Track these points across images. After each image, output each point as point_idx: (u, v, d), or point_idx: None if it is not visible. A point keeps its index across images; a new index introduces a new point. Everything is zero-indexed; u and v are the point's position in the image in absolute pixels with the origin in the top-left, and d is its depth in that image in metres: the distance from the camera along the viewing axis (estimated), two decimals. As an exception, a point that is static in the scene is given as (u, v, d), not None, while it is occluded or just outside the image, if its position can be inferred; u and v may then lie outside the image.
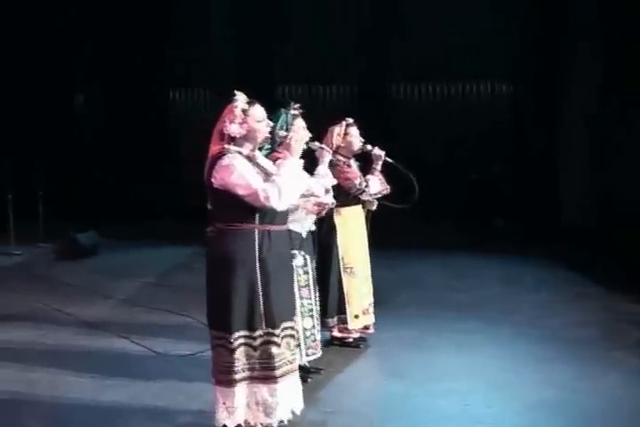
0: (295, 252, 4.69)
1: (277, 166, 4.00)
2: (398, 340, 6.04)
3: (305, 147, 4.43)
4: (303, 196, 4.42)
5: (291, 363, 4.13)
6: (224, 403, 4.04)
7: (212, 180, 3.90)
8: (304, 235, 4.91)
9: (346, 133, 5.73)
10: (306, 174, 4.22)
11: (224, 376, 4.02)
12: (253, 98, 4.04)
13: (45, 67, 12.75)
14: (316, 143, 5.08)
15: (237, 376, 4.00)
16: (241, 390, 4.03)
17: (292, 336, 4.15)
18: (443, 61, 12.32)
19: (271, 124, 4.23)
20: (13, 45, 12.51)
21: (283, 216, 4.09)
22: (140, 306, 7.21)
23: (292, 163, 3.99)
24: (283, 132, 4.48)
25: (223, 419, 4.03)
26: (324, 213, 4.98)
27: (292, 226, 4.56)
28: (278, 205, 3.88)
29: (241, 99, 3.98)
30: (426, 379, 5.18)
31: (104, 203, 12.15)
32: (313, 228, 5.03)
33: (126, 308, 7.22)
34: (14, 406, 4.86)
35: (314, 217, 4.97)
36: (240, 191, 3.84)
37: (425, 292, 7.64)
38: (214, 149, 3.98)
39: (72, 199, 11.84)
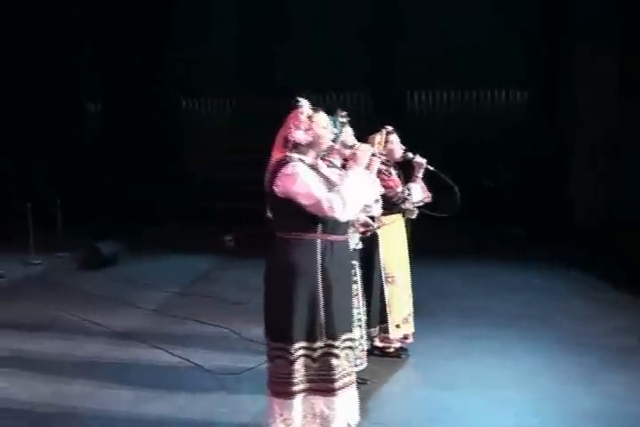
0: (355, 262, 4.63)
1: (342, 176, 3.93)
2: (437, 349, 5.98)
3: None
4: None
5: (349, 375, 4.03)
6: (281, 415, 3.95)
7: (275, 188, 3.82)
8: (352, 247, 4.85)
9: (386, 141, 5.67)
10: (370, 185, 4.11)
11: (282, 388, 3.92)
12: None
13: (46, 67, 12.67)
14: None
15: (296, 388, 3.91)
16: (299, 402, 3.95)
17: (350, 348, 4.05)
18: (454, 67, 12.31)
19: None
20: (14, 46, 12.45)
21: (344, 226, 4.00)
22: (170, 316, 7.13)
23: (358, 173, 3.91)
24: (349, 142, 4.35)
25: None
26: (368, 234, 4.95)
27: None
28: (342, 215, 3.80)
29: (306, 105, 3.91)
30: (474, 388, 5.11)
31: (112, 205, 12.07)
32: (359, 246, 4.97)
33: (156, 318, 7.12)
34: (56, 419, 4.79)
35: (358, 235, 4.92)
36: (303, 201, 3.77)
37: (452, 300, 7.56)
38: (277, 155, 3.91)
39: (88, 208, 11.71)
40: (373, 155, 4.53)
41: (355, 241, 4.84)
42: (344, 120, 4.89)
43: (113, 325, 6.82)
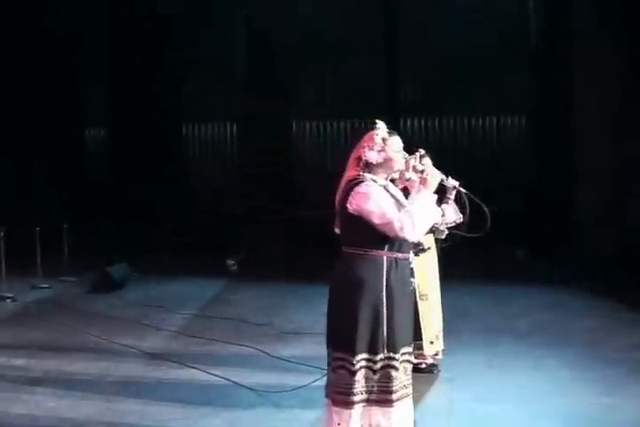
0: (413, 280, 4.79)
1: (411, 198, 4.10)
2: (468, 365, 6.14)
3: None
4: None
5: (406, 387, 4.16)
6: (339, 424, 4.06)
7: (348, 205, 3.98)
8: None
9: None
10: (437, 208, 4.27)
11: (342, 397, 4.04)
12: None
13: (47, 70, 12.82)
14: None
15: (356, 398, 4.03)
16: (357, 412, 4.06)
17: (408, 361, 4.19)
18: (456, 95, 12.61)
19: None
20: (13, 47, 12.57)
21: (408, 245, 4.15)
22: (195, 337, 7.19)
23: (427, 196, 4.09)
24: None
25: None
26: (419, 254, 5.11)
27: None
28: (412, 236, 3.96)
29: (382, 127, 4.10)
30: (516, 402, 5.27)
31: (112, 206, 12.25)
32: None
33: (182, 339, 7.18)
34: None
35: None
36: (375, 219, 3.92)
37: (474, 319, 7.74)
38: (350, 174, 4.08)
39: (95, 233, 11.79)
40: (442, 180, 4.59)
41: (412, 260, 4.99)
42: (423, 153, 5.04)
43: (141, 346, 6.88)
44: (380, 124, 4.11)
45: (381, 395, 4.05)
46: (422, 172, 4.30)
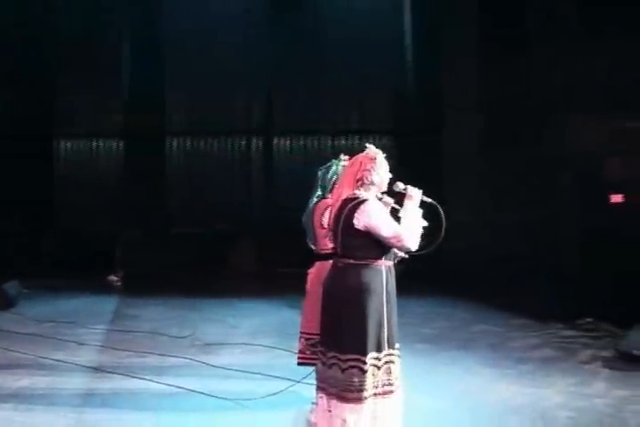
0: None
1: (403, 212, 4.66)
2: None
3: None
4: None
5: (398, 379, 4.70)
6: (353, 419, 4.55)
7: (355, 222, 4.48)
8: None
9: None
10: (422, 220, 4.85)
11: (356, 394, 4.51)
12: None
13: None
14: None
15: (366, 394, 4.53)
16: (367, 406, 4.57)
17: (399, 356, 4.76)
18: (325, 115, 13.37)
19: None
20: None
21: (394, 254, 4.76)
22: (126, 351, 7.33)
23: (415, 209, 4.68)
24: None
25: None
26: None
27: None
28: (412, 246, 4.55)
29: (376, 150, 4.65)
30: (456, 395, 5.97)
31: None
32: None
33: (112, 352, 7.28)
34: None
35: None
36: (384, 233, 4.46)
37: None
38: (349, 193, 4.58)
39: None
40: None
41: None
42: (346, 163, 5.66)
43: (74, 360, 6.94)
44: (371, 147, 4.67)
45: (384, 387, 4.58)
46: (405, 189, 4.87)
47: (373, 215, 4.49)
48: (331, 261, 5.50)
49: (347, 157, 5.67)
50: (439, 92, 12.67)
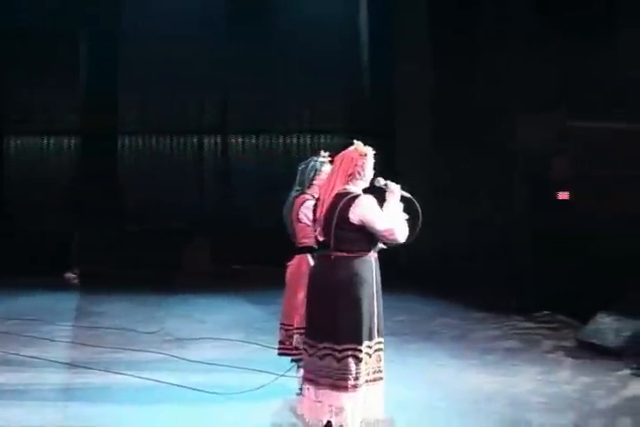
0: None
1: (386, 206, 4.84)
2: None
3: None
4: None
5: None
6: (349, 406, 4.69)
7: (351, 215, 4.63)
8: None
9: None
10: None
11: (352, 382, 4.66)
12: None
13: None
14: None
15: (360, 381, 4.71)
16: (361, 393, 4.73)
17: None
18: (278, 115, 13.51)
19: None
20: None
21: (378, 246, 4.95)
22: (99, 346, 7.38)
23: (397, 203, 4.87)
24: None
25: (351, 419, 4.70)
26: None
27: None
28: (402, 239, 4.75)
29: (361, 145, 4.82)
30: (430, 384, 6.20)
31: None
32: None
33: (84, 349, 7.33)
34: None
35: None
36: (378, 227, 4.64)
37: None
38: (340, 188, 4.73)
39: None
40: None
41: None
42: (325, 160, 5.84)
43: (48, 356, 6.93)
44: (359, 143, 4.85)
45: (374, 374, 4.78)
46: (386, 185, 5.05)
47: (369, 210, 4.67)
48: (308, 255, 5.79)
49: (326, 154, 5.87)
50: (392, 92, 12.92)
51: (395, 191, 4.93)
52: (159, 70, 13.04)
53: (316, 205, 4.99)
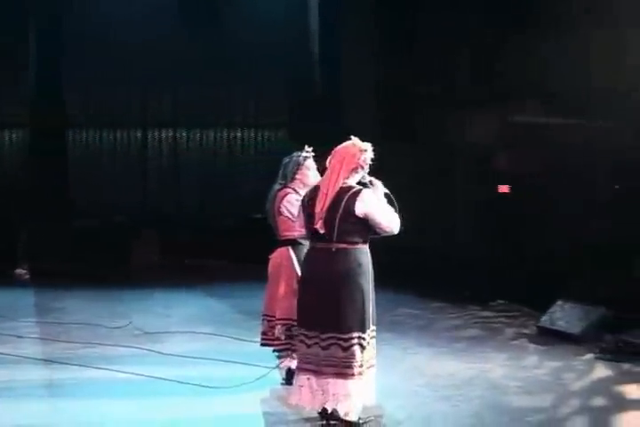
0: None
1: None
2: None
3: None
4: None
5: None
6: (355, 392, 4.86)
7: (355, 209, 4.80)
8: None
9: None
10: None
11: (358, 370, 4.85)
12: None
13: None
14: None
15: (364, 368, 4.91)
16: (364, 379, 4.93)
17: (374, 331, 5.18)
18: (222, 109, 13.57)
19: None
20: None
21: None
22: (64, 342, 7.35)
23: (381, 198, 5.03)
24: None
25: (359, 404, 4.89)
26: None
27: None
28: (397, 230, 4.96)
29: (358, 140, 4.98)
30: (409, 371, 6.43)
31: None
32: None
33: (55, 344, 7.28)
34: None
35: None
36: (380, 220, 4.84)
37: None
38: (341, 182, 4.87)
39: None
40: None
41: None
42: (307, 155, 5.98)
43: (19, 353, 6.86)
44: (356, 139, 5.00)
45: (370, 361, 4.99)
46: (370, 182, 5.20)
47: (373, 203, 4.88)
48: (290, 247, 5.93)
49: (310, 149, 6.01)
50: (338, 87, 13.06)
51: (378, 187, 5.13)
52: (105, 65, 12.89)
53: (310, 200, 5.08)
